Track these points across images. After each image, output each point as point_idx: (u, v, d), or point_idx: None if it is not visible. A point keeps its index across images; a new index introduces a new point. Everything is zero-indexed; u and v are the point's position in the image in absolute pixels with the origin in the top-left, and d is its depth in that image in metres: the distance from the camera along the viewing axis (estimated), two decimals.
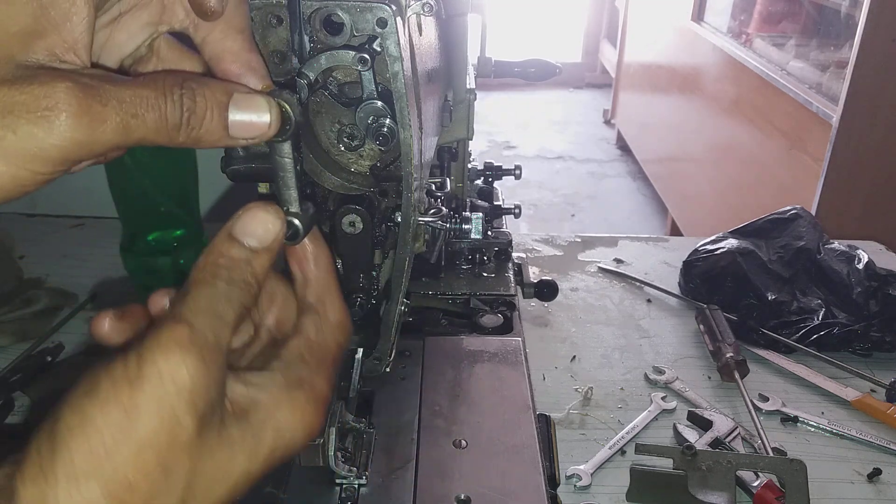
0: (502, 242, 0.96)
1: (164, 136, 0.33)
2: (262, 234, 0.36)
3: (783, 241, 1.07)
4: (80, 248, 1.13)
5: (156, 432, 0.30)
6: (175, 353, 0.31)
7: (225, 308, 0.34)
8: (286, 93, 0.37)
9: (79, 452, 0.28)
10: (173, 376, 0.30)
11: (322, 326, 0.40)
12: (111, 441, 0.29)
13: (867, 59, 1.71)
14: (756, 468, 0.69)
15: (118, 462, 0.29)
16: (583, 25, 5.47)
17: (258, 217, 0.37)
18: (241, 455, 0.33)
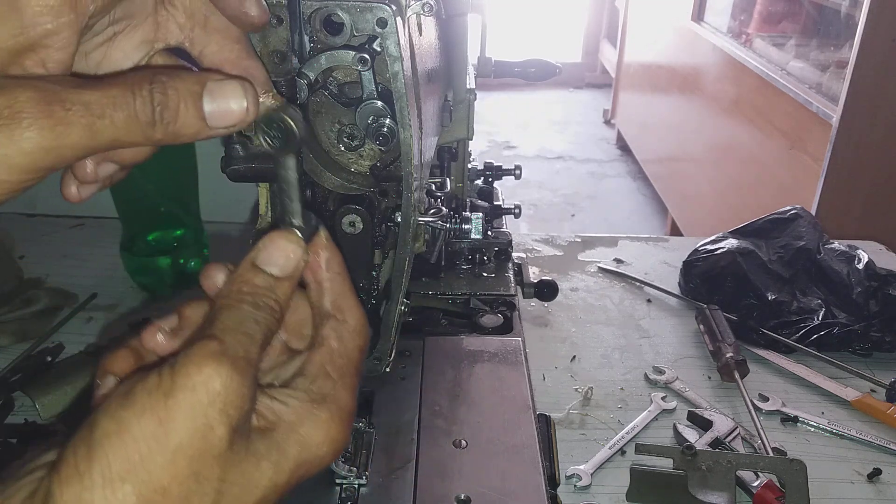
0: (502, 242, 0.96)
1: (139, 134, 0.32)
2: (283, 264, 0.37)
3: (783, 241, 1.07)
4: (80, 248, 1.13)
5: (189, 440, 0.30)
6: (208, 365, 0.32)
7: (253, 328, 0.35)
8: (291, 108, 0.38)
9: (115, 457, 0.29)
10: (207, 386, 0.31)
11: (343, 333, 0.40)
12: (146, 448, 0.30)
13: (867, 59, 1.71)
14: (756, 468, 0.69)
15: (153, 468, 0.30)
16: (583, 25, 5.47)
17: (280, 246, 0.38)
18: (268, 468, 0.34)
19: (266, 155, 0.46)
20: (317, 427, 0.36)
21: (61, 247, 1.13)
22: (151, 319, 0.39)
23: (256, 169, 0.46)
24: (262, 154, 0.46)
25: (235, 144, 0.46)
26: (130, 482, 0.29)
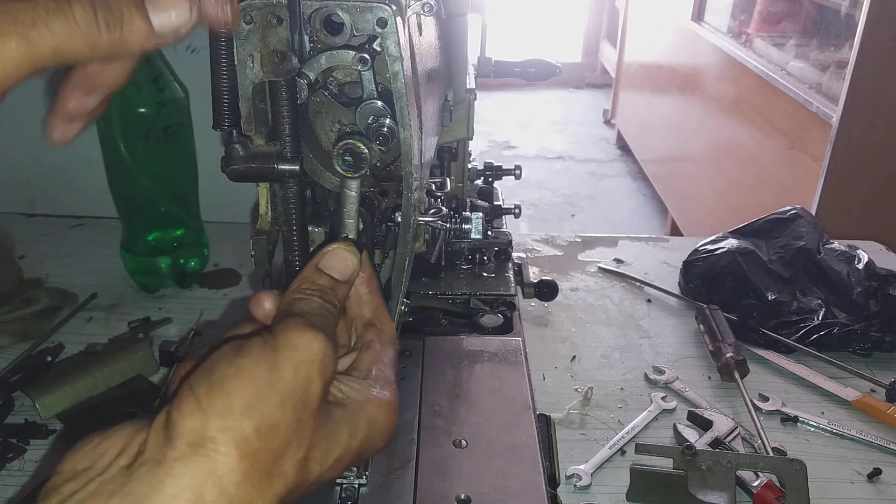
0: (502, 242, 0.96)
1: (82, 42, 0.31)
2: (342, 269, 0.43)
3: (783, 241, 1.07)
4: (80, 248, 1.13)
5: (294, 389, 0.34)
6: (306, 332, 0.36)
7: (326, 315, 0.40)
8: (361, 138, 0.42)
9: (236, 394, 0.32)
10: (307, 347, 0.35)
11: (382, 339, 0.45)
12: (262, 390, 0.33)
13: (867, 59, 1.71)
14: (756, 468, 0.69)
15: (266, 408, 0.33)
16: (583, 25, 5.47)
17: (340, 255, 0.43)
18: (345, 432, 0.38)
19: (266, 154, 0.46)
20: (380, 408, 0.40)
21: (61, 247, 1.13)
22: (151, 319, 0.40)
23: (256, 169, 0.46)
24: (262, 154, 0.46)
25: (235, 144, 0.46)
26: (249, 417, 0.32)
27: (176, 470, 0.30)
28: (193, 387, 0.33)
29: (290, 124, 0.44)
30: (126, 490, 0.30)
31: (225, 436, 0.31)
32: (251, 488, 0.32)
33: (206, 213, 1.05)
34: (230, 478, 0.31)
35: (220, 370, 0.33)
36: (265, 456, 0.32)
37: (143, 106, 0.90)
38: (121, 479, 0.30)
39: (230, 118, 0.45)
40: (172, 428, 0.31)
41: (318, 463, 0.36)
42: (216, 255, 1.07)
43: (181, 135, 0.95)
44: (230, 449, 0.31)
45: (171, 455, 0.30)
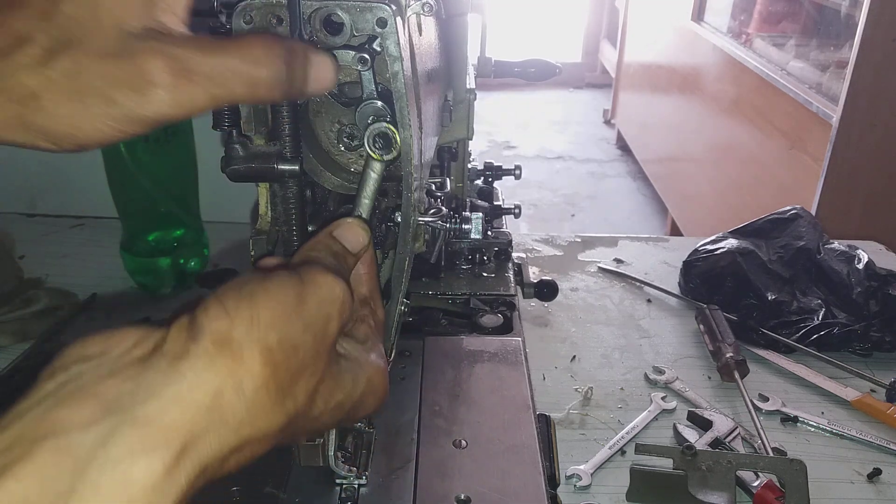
0: (502, 242, 0.96)
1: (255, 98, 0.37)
2: (353, 242, 0.43)
3: (783, 241, 1.07)
4: (80, 248, 1.13)
5: (315, 321, 0.35)
6: (329, 275, 0.37)
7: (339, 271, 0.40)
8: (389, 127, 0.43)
9: (264, 308, 0.33)
10: (330, 288, 0.36)
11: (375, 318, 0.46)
12: (287, 311, 0.34)
13: (867, 59, 1.71)
14: (756, 468, 0.69)
15: (290, 328, 0.33)
16: (583, 25, 5.47)
17: (354, 229, 0.44)
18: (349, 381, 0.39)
19: (266, 154, 0.46)
20: (377, 372, 0.41)
21: (61, 247, 1.13)
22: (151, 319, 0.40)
23: (256, 169, 0.46)
24: (262, 154, 0.46)
25: (235, 144, 0.46)
26: (275, 330, 0.32)
27: (199, 365, 0.30)
28: (220, 298, 0.33)
29: (289, 124, 0.44)
30: (143, 377, 0.29)
31: (250, 341, 0.31)
32: (266, 398, 0.32)
33: (206, 213, 1.05)
34: (250, 382, 0.31)
35: (248, 286, 0.34)
36: (283, 372, 0.33)
37: None
38: (137, 367, 0.30)
39: (230, 118, 0.45)
40: (198, 328, 0.31)
41: (322, 399, 0.36)
42: (216, 255, 1.07)
43: (181, 135, 0.95)
44: (255, 354, 0.31)
45: (195, 350, 0.30)
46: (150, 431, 0.27)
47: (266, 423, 0.32)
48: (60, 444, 0.26)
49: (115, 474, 0.26)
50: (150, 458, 0.27)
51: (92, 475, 0.26)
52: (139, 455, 0.27)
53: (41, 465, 0.26)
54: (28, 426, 0.27)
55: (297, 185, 0.47)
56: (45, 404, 0.28)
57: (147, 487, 0.27)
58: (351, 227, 0.44)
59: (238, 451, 0.31)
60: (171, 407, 0.28)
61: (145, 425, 0.27)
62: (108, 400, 0.28)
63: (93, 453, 0.26)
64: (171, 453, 0.27)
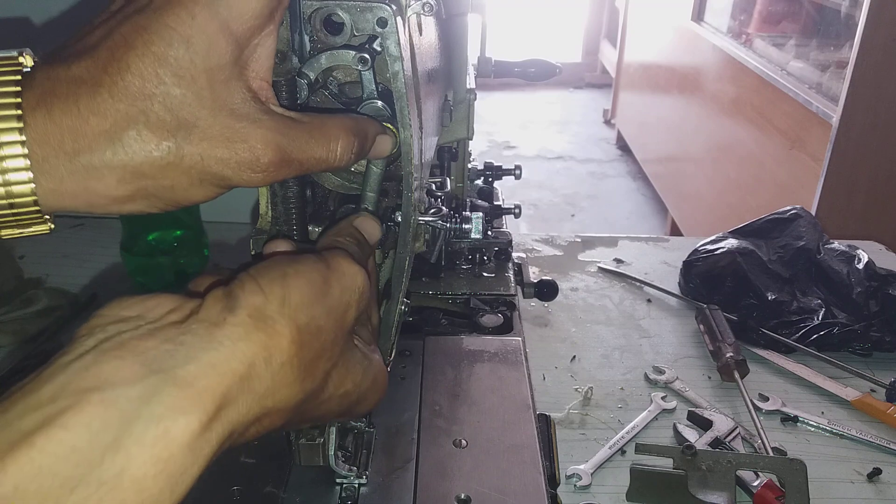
0: (502, 242, 0.96)
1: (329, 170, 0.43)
2: (371, 234, 0.46)
3: (783, 241, 1.07)
4: (80, 248, 1.13)
5: (337, 307, 0.37)
6: (353, 263, 0.39)
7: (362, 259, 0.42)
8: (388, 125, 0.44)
9: (294, 289, 0.35)
10: (353, 276, 0.38)
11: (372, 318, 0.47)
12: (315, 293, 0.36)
13: (867, 59, 1.71)
14: (756, 468, 0.69)
15: (316, 311, 0.35)
16: (583, 25, 5.47)
17: (370, 222, 0.46)
18: (358, 372, 0.40)
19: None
20: (380, 371, 0.43)
21: (61, 247, 1.13)
22: None
23: None
24: None
25: None
26: (303, 311, 0.34)
27: (235, 334, 0.31)
28: (254, 275, 0.34)
29: None
30: (181, 340, 0.30)
31: (283, 318, 0.33)
32: (291, 374, 0.33)
33: (206, 213, 1.05)
34: (279, 357, 0.33)
35: (280, 267, 0.35)
36: (307, 351, 0.34)
37: None
38: (175, 329, 0.31)
39: None
40: (234, 300, 0.33)
41: (333, 384, 0.38)
42: (216, 255, 1.07)
43: None
44: (286, 331, 0.33)
45: (232, 320, 0.32)
46: (189, 393, 0.29)
47: (286, 396, 0.34)
48: (107, 398, 0.27)
49: (158, 430, 0.28)
50: (188, 417, 0.28)
51: (137, 429, 0.27)
52: (179, 414, 0.28)
53: (89, 417, 0.27)
54: (72, 378, 0.28)
55: (297, 185, 0.47)
56: (86, 359, 0.29)
57: (184, 444, 0.28)
58: (369, 220, 0.46)
59: (258, 421, 0.33)
60: (209, 371, 0.30)
61: (185, 386, 0.29)
62: (150, 359, 0.29)
63: (137, 409, 0.27)
64: (207, 415, 0.29)
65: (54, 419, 0.26)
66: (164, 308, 0.33)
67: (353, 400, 0.41)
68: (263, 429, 0.34)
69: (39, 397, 0.27)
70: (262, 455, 0.61)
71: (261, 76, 0.38)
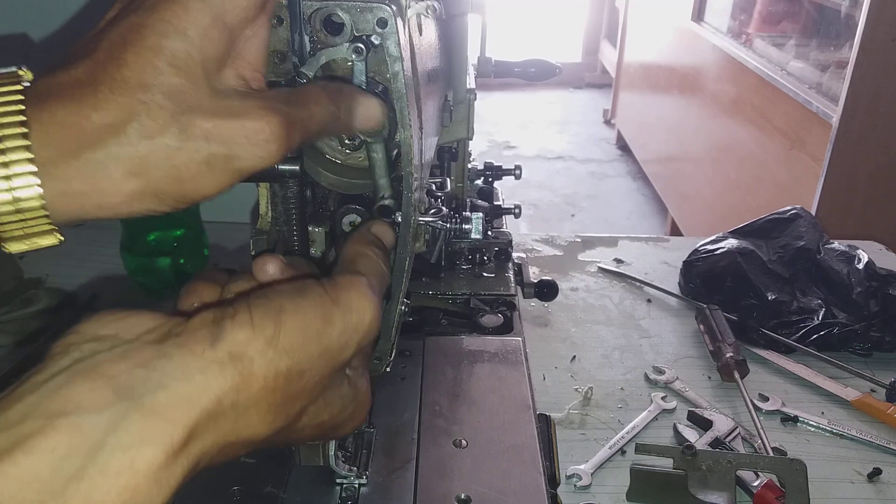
0: (502, 242, 0.96)
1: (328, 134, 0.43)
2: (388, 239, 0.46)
3: (783, 241, 1.07)
4: (80, 248, 1.13)
5: (332, 349, 0.35)
6: (366, 298, 0.37)
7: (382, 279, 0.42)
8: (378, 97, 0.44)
9: (286, 330, 0.33)
10: (361, 315, 0.37)
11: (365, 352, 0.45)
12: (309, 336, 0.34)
13: (867, 59, 1.71)
14: (756, 468, 0.69)
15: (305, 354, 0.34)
16: (583, 25, 5.47)
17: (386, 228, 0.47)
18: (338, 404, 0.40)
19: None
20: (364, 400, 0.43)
21: (61, 247, 1.12)
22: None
23: None
24: None
25: None
26: (289, 356, 0.33)
27: (210, 370, 0.31)
28: (251, 305, 0.34)
29: None
30: (155, 365, 0.30)
31: (263, 362, 0.32)
32: (257, 416, 0.33)
33: (206, 213, 1.05)
34: (248, 400, 0.32)
35: (279, 301, 0.34)
36: (283, 396, 0.34)
37: None
38: (150, 353, 0.31)
39: None
40: (221, 331, 0.32)
41: (308, 417, 0.37)
42: (216, 255, 1.07)
43: None
44: (262, 375, 0.32)
45: (211, 356, 0.31)
46: (157, 423, 0.28)
47: (252, 433, 0.33)
48: (73, 423, 0.27)
49: (123, 460, 0.27)
50: (155, 448, 0.28)
51: (101, 458, 0.27)
52: (146, 444, 0.28)
53: (54, 443, 0.26)
54: (41, 401, 0.28)
55: (298, 185, 0.47)
56: (58, 380, 0.28)
57: (149, 475, 0.28)
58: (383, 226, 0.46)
59: (223, 451, 0.32)
60: (179, 403, 0.29)
61: (153, 415, 0.28)
62: (121, 384, 0.29)
63: (104, 437, 0.27)
64: (173, 447, 0.29)
65: (19, 444, 0.26)
66: (142, 327, 0.32)
67: (327, 428, 0.40)
68: (231, 456, 0.34)
69: (9, 418, 0.27)
70: (262, 455, 0.61)
71: (253, 66, 0.38)
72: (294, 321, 0.34)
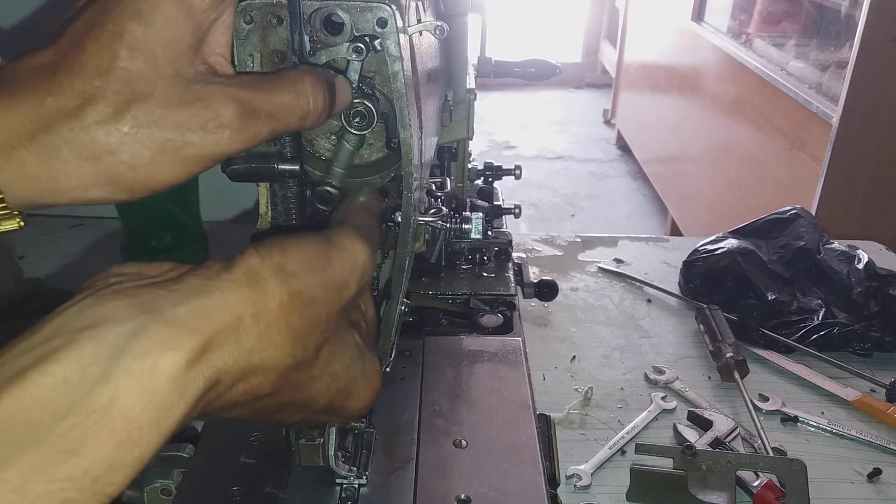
0: (502, 242, 0.96)
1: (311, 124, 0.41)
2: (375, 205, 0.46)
3: (783, 241, 1.07)
4: (80, 248, 1.13)
5: (334, 282, 0.37)
6: (357, 240, 0.39)
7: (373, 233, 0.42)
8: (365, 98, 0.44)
9: (291, 258, 0.35)
10: (355, 254, 0.38)
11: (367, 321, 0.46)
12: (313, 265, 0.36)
13: (867, 59, 1.71)
14: (756, 468, 0.69)
15: (311, 282, 0.35)
16: (583, 25, 5.47)
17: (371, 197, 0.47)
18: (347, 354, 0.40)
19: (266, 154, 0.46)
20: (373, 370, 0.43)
21: (61, 247, 1.13)
22: None
23: (256, 169, 0.46)
24: (261, 154, 0.46)
25: None
26: (298, 280, 0.34)
27: (227, 287, 0.32)
28: (256, 245, 0.35)
29: None
30: (174, 287, 0.31)
31: (276, 282, 0.34)
32: (279, 336, 0.34)
33: (206, 213, 1.05)
34: (268, 316, 0.33)
35: (280, 239, 0.36)
36: (298, 319, 0.35)
37: None
38: (170, 281, 0.32)
39: None
40: (232, 262, 0.34)
41: (323, 360, 0.38)
42: (216, 255, 1.07)
43: None
44: (276, 294, 0.34)
45: (226, 276, 0.33)
46: (177, 330, 0.30)
47: (274, 356, 0.34)
48: (97, 334, 0.28)
49: (145, 363, 0.28)
50: (175, 353, 0.29)
51: (125, 362, 0.28)
52: (166, 349, 0.29)
53: (80, 352, 0.28)
54: (68, 320, 0.29)
55: (298, 185, 0.47)
56: (83, 303, 0.30)
57: (171, 378, 0.29)
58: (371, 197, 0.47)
59: (245, 378, 0.33)
60: (197, 315, 0.31)
61: (174, 325, 0.30)
62: (143, 301, 0.30)
63: (126, 343, 0.28)
64: (193, 353, 0.30)
65: (48, 355, 0.28)
66: (164, 268, 0.34)
67: (341, 386, 0.41)
68: (252, 389, 0.34)
69: (36, 338, 0.29)
70: (262, 455, 0.61)
71: (217, 51, 0.38)
72: (297, 252, 0.35)
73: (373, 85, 0.45)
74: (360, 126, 0.44)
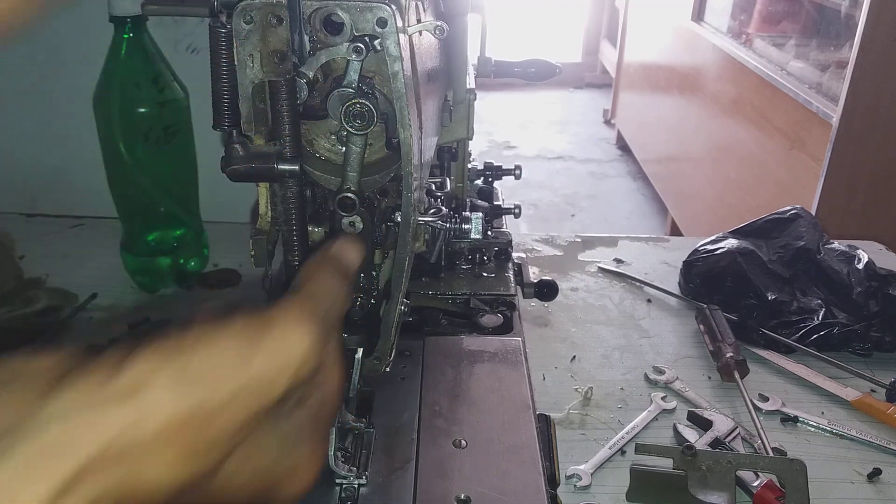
0: (502, 242, 0.96)
1: None
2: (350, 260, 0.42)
3: (783, 241, 1.07)
4: (80, 248, 1.13)
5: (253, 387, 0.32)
6: (301, 328, 0.33)
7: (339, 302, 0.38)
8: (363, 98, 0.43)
9: (196, 364, 0.30)
10: (291, 348, 0.33)
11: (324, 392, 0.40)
12: (222, 371, 0.31)
13: (867, 59, 1.71)
14: (756, 468, 0.69)
15: (216, 392, 0.30)
16: (583, 25, 5.47)
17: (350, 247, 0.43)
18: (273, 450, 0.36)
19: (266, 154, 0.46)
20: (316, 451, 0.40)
21: (61, 247, 1.13)
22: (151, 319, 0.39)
23: (256, 169, 0.46)
24: (262, 154, 0.46)
25: (235, 144, 0.46)
26: (198, 390, 0.30)
27: (106, 404, 0.29)
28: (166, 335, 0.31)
29: (290, 124, 0.44)
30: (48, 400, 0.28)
31: (169, 394, 0.30)
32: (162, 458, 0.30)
33: (206, 213, 1.05)
34: (151, 438, 0.29)
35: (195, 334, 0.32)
36: (194, 436, 0.30)
37: (143, 106, 0.90)
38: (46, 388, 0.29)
39: (230, 118, 0.45)
40: (126, 361, 0.30)
41: (236, 463, 0.34)
42: (216, 255, 1.07)
43: (181, 135, 0.95)
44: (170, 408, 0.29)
45: (109, 388, 0.29)
46: (43, 459, 0.27)
47: (165, 474, 0.30)
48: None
49: (3, 498, 0.26)
50: (39, 485, 0.26)
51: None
52: (30, 482, 0.26)
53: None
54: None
55: (298, 185, 0.47)
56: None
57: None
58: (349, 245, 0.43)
59: (133, 497, 0.29)
60: (69, 439, 0.27)
61: (40, 452, 0.27)
62: (9, 421, 0.27)
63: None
64: (63, 482, 0.27)
65: None
66: (47, 364, 0.30)
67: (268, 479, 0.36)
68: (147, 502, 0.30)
69: None
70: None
71: None
72: (206, 354, 0.31)
73: (373, 85, 0.45)
74: (360, 127, 0.44)
